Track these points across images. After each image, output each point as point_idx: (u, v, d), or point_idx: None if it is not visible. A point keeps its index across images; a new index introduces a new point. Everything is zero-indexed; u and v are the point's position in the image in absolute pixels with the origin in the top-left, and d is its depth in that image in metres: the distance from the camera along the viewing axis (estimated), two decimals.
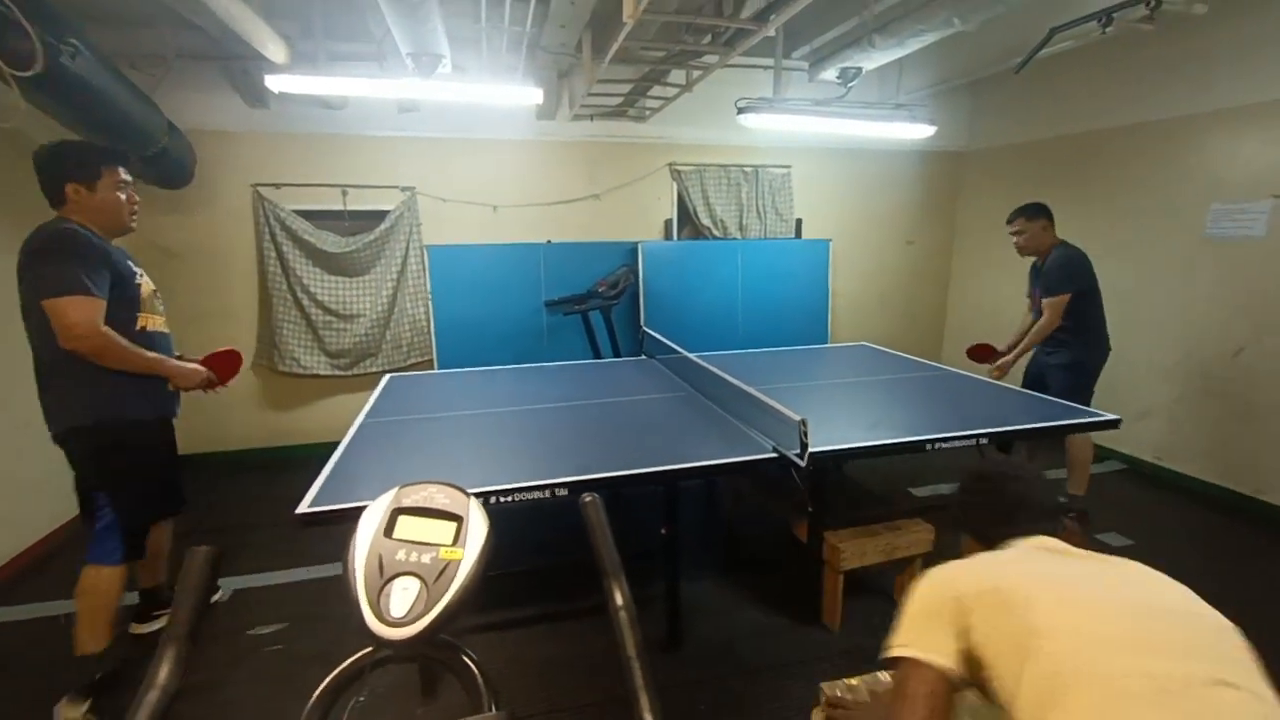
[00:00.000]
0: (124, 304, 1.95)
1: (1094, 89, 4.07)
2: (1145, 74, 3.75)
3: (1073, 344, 3.06)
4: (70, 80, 2.49)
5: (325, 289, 4.11)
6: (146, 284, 2.08)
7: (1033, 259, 3.19)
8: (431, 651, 0.75)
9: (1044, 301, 3.02)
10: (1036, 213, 3.07)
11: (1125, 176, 3.91)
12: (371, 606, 0.64)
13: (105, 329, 1.83)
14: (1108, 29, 2.80)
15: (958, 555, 1.09)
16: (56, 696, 1.94)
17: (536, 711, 2.01)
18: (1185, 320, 3.61)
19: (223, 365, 2.30)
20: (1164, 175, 3.70)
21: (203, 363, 2.21)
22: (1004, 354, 3.27)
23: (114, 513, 1.98)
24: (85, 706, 1.92)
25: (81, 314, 1.78)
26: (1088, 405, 3.00)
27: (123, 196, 1.98)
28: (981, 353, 3.39)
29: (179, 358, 2.20)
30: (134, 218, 2.04)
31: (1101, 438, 4.02)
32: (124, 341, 1.88)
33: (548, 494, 1.83)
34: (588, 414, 2.61)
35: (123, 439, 1.97)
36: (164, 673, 0.64)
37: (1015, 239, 3.13)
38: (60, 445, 1.95)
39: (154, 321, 2.09)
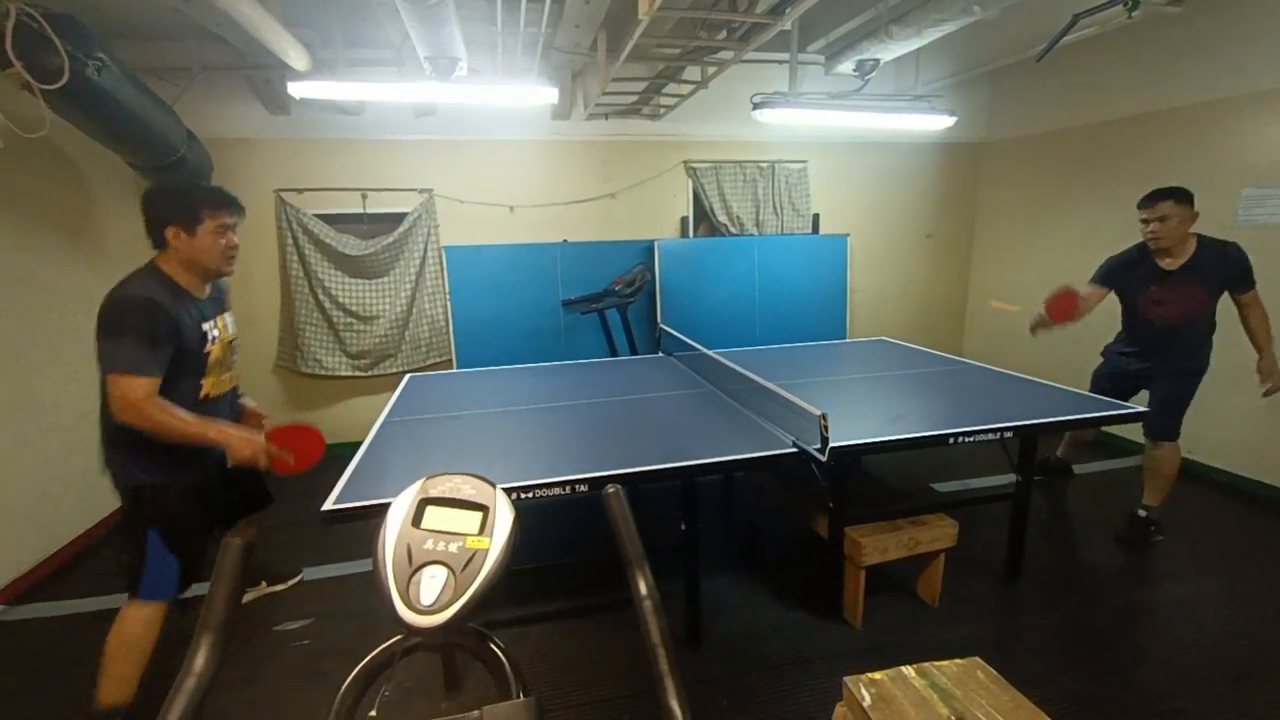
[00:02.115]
0: (188, 372, 1.88)
1: (1117, 75, 3.98)
2: (1171, 58, 3.66)
3: (1206, 350, 2.81)
4: (95, 93, 2.55)
5: (345, 291, 4.17)
6: (219, 345, 1.97)
7: (1146, 249, 2.77)
8: (460, 639, 0.76)
9: (1253, 295, 2.68)
10: (1189, 199, 2.61)
11: (1151, 164, 3.82)
12: (401, 595, 0.65)
13: (155, 406, 1.73)
14: (1134, 13, 2.73)
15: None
16: (88, 686, 1.90)
17: (558, 706, 2.02)
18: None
19: (295, 443, 1.92)
20: (1192, 162, 3.61)
21: (272, 436, 1.90)
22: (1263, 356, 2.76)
23: (166, 546, 1.89)
24: None
25: (134, 393, 1.71)
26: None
27: (222, 241, 1.90)
28: (1064, 307, 2.74)
29: (242, 413, 2.18)
30: (231, 263, 1.95)
31: (1133, 430, 3.93)
32: (173, 417, 1.75)
33: (568, 490, 1.84)
34: (606, 411, 2.61)
35: (171, 501, 1.91)
36: (200, 660, 0.66)
37: (1153, 227, 2.66)
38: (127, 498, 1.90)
39: (218, 384, 1.99)
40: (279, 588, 2.74)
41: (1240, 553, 2.85)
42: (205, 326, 1.92)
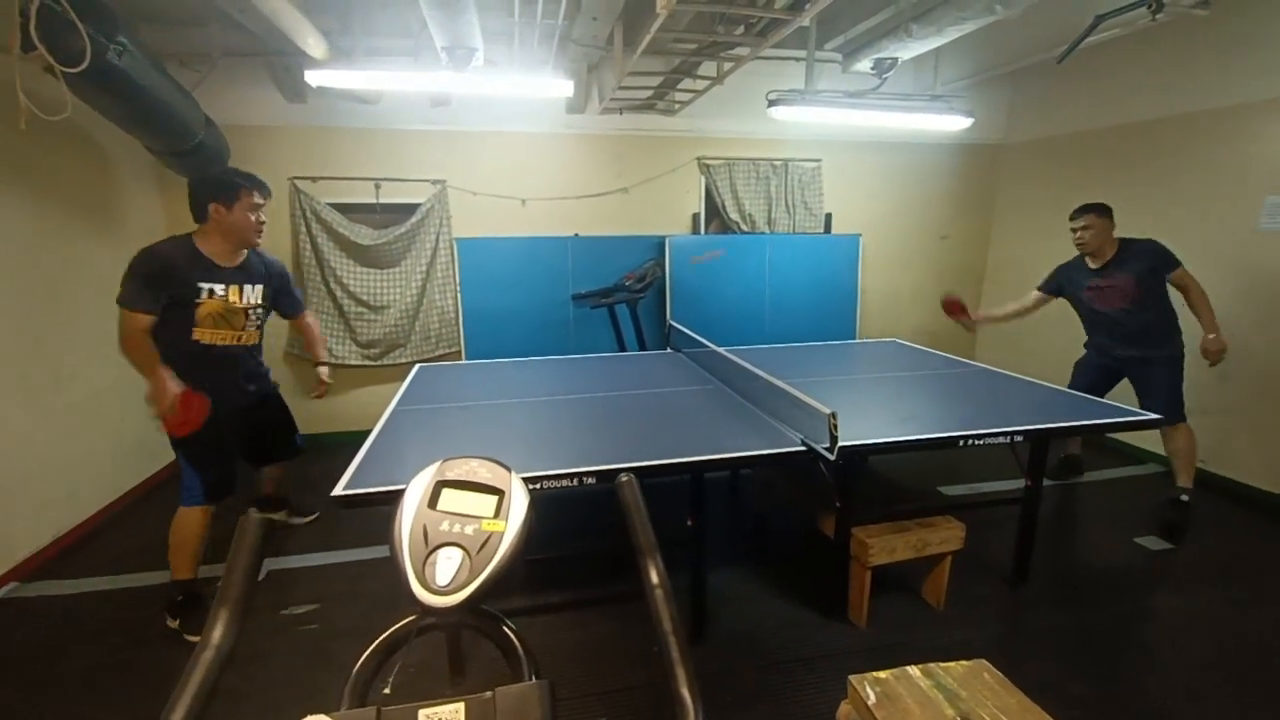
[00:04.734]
0: (181, 318, 2.25)
1: (1139, 77, 3.93)
2: (1195, 61, 3.60)
3: (1175, 335, 3.04)
4: (116, 77, 2.57)
5: (357, 280, 4.19)
6: (216, 303, 2.29)
7: (1082, 256, 3.18)
8: (474, 621, 0.76)
9: (1179, 274, 2.95)
10: (1107, 212, 3.06)
11: (1173, 169, 3.77)
12: (417, 575, 0.65)
13: (128, 332, 2.15)
14: (1158, 15, 2.70)
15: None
16: (107, 658, 2.09)
17: (563, 696, 2.01)
18: (1235, 318, 3.46)
19: (189, 407, 2.19)
20: (1215, 168, 3.56)
21: (183, 395, 2.19)
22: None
23: (188, 463, 2.34)
24: (176, 622, 2.34)
25: (123, 322, 2.14)
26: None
27: (253, 217, 2.31)
28: (953, 308, 3.51)
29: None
30: (258, 235, 2.36)
31: (1145, 439, 3.90)
32: (134, 347, 2.15)
33: (575, 482, 1.84)
34: (615, 405, 2.61)
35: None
36: (218, 633, 0.67)
37: (1079, 234, 3.08)
38: None
39: (215, 336, 2.33)
40: (298, 520, 3.13)
41: (1253, 564, 2.81)
42: (204, 284, 2.25)
